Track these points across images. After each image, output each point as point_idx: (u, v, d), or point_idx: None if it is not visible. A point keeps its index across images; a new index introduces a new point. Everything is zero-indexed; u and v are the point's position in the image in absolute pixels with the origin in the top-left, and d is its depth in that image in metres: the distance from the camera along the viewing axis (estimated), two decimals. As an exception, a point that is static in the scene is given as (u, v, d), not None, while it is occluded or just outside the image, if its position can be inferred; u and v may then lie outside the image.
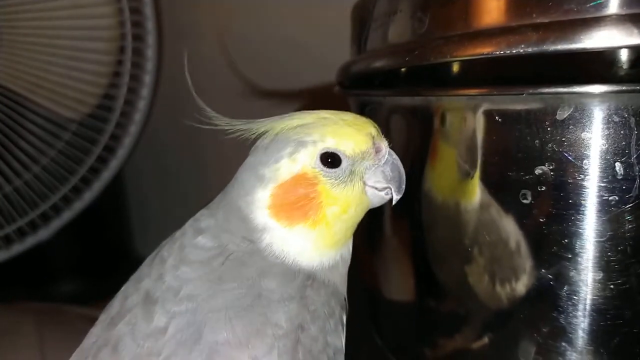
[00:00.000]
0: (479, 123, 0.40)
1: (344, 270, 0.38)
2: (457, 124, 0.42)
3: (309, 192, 0.34)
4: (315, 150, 0.34)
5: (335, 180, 0.35)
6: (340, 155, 0.35)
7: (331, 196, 0.35)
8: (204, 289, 0.32)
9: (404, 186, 0.37)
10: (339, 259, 0.37)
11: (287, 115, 0.36)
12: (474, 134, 0.40)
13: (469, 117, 0.40)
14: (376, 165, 0.36)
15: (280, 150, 0.35)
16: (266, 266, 0.34)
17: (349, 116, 0.36)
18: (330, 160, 0.35)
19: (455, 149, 0.42)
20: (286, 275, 0.34)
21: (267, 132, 0.36)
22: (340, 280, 0.37)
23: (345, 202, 0.35)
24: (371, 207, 0.37)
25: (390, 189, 0.36)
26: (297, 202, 0.34)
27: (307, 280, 0.34)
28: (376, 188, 0.36)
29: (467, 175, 0.41)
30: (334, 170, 0.35)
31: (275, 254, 0.35)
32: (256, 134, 0.36)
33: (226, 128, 0.35)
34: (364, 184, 0.36)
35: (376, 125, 0.36)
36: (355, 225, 0.37)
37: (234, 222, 0.36)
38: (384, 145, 0.36)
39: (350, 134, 0.35)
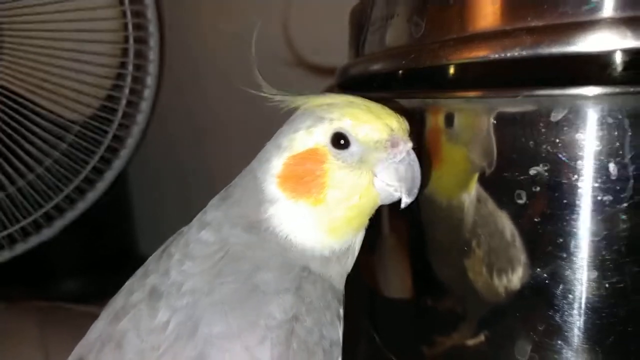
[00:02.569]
0: (474, 125, 0.41)
1: (340, 268, 0.37)
2: (454, 125, 0.42)
3: (316, 168, 0.35)
4: (330, 127, 0.35)
5: (343, 163, 0.34)
6: (351, 139, 0.34)
7: (335, 178, 0.34)
8: (204, 284, 0.33)
9: (416, 190, 0.36)
10: (335, 253, 0.36)
11: (321, 94, 0.37)
12: (469, 136, 0.41)
13: (465, 119, 0.41)
14: (390, 161, 0.35)
15: (301, 122, 0.36)
16: (264, 258, 0.34)
17: (376, 106, 0.36)
18: (341, 141, 0.34)
19: (452, 151, 0.42)
20: (283, 267, 0.34)
21: (299, 106, 0.37)
22: (337, 278, 0.37)
23: (348, 189, 0.35)
24: (381, 203, 0.37)
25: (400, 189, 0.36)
26: (303, 176, 0.35)
27: (303, 271, 0.34)
28: (386, 184, 0.35)
29: (463, 176, 0.42)
30: (342, 152, 0.34)
31: (274, 229, 0.35)
32: (291, 106, 0.37)
33: (268, 97, 0.36)
34: (374, 176, 0.35)
35: (402, 121, 0.36)
36: (360, 220, 0.37)
37: (247, 197, 0.36)
38: (403, 142, 0.35)
39: (368, 120, 0.34)
